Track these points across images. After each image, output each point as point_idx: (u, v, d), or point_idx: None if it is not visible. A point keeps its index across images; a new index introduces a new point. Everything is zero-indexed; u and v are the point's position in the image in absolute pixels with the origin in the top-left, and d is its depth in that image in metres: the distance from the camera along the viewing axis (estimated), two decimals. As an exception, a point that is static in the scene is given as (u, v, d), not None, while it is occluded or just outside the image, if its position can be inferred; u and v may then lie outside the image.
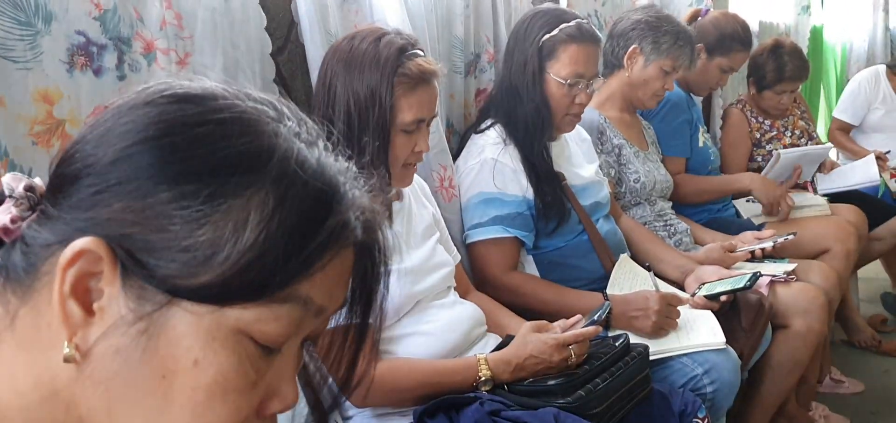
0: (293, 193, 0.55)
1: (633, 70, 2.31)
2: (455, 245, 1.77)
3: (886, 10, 6.08)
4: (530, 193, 1.84)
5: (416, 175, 1.58)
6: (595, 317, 1.52)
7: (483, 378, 1.39)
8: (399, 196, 1.54)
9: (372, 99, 1.37)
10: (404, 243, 1.49)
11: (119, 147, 0.55)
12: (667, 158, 2.56)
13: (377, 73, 1.37)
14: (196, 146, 0.55)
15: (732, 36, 2.63)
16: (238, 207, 0.54)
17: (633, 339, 1.58)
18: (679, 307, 1.76)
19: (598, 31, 1.96)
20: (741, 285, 1.85)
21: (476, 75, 2.09)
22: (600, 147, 2.25)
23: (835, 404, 2.74)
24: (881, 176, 3.43)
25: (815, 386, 2.62)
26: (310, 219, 0.56)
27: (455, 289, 1.62)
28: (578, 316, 1.55)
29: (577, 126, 2.01)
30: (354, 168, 0.62)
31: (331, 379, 0.70)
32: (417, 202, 1.59)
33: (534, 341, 1.44)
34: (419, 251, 1.51)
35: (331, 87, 1.40)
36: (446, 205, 1.83)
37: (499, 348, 1.52)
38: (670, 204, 2.47)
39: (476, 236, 1.82)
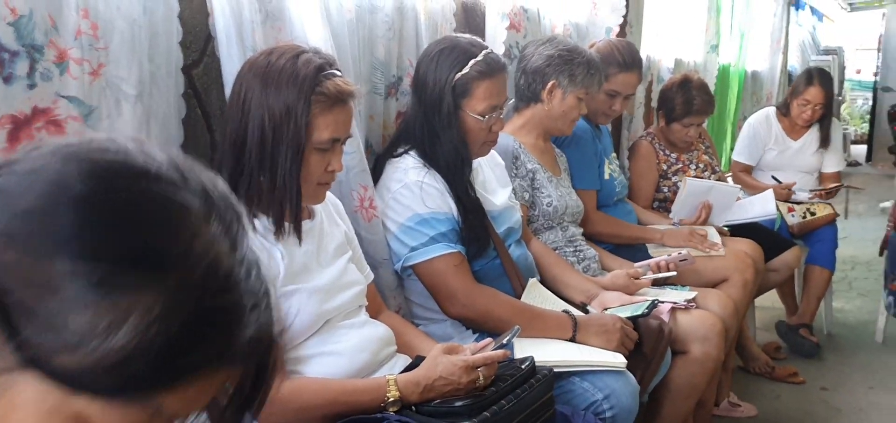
0: (184, 307, 0.52)
1: (552, 104, 2.37)
2: (374, 266, 1.79)
3: (785, 52, 6.45)
4: (456, 212, 1.87)
5: (329, 193, 1.58)
6: (504, 341, 1.56)
7: (391, 399, 1.40)
8: (310, 214, 1.54)
9: (287, 116, 1.37)
10: (315, 262, 1.49)
11: (39, 195, 0.52)
12: (578, 191, 2.63)
13: (294, 90, 1.37)
14: (111, 227, 0.52)
15: (609, 60, 2.70)
16: (123, 305, 0.50)
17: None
18: None
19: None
20: (640, 312, 1.93)
21: (397, 97, 2.12)
22: (515, 172, 2.30)
23: (730, 426, 2.88)
24: (778, 210, 3.63)
25: (711, 410, 2.73)
26: (192, 337, 0.53)
27: (366, 309, 1.63)
28: (488, 340, 1.59)
29: (493, 151, 2.06)
30: (270, 291, 0.59)
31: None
32: (329, 220, 1.60)
33: (444, 362, 1.46)
34: (330, 270, 1.52)
35: (245, 101, 1.40)
36: (366, 225, 1.84)
37: (409, 369, 1.54)
38: (581, 230, 2.54)
39: (421, 256, 1.84)
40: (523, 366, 1.54)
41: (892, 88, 9.67)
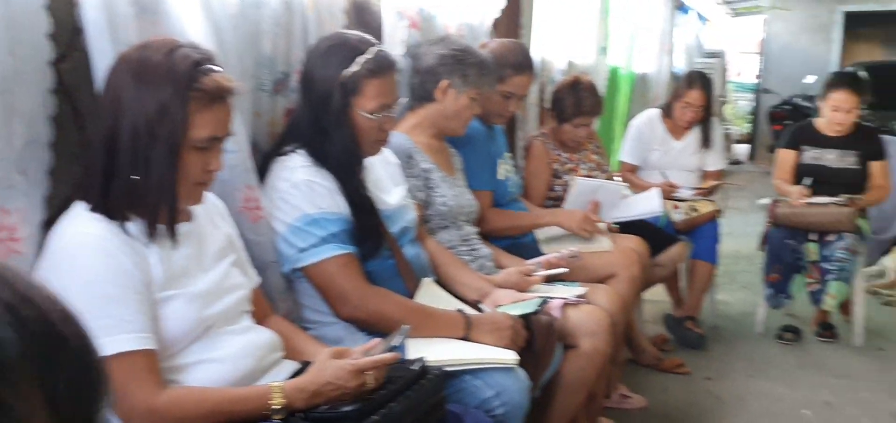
0: None
1: (446, 103, 2.37)
2: (261, 269, 1.73)
3: (670, 53, 6.72)
4: (347, 212, 1.84)
5: (210, 194, 1.53)
6: (393, 342, 1.54)
7: (275, 406, 1.36)
8: (188, 216, 1.47)
9: (162, 113, 1.31)
10: (195, 266, 1.43)
11: None
12: (474, 191, 2.64)
13: (170, 86, 1.31)
14: None
15: (505, 62, 2.74)
16: None
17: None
18: None
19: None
20: (531, 309, 1.96)
21: (285, 94, 2.06)
22: (409, 171, 2.29)
23: (621, 418, 2.96)
24: (664, 208, 3.77)
25: (602, 402, 2.81)
26: None
27: (251, 314, 1.58)
28: (377, 341, 1.57)
29: (385, 149, 2.04)
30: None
31: None
32: (210, 223, 1.54)
33: (332, 367, 1.44)
34: (211, 274, 1.46)
35: (117, 98, 1.33)
36: (252, 227, 1.79)
37: (297, 374, 1.50)
38: (476, 229, 2.56)
39: (311, 258, 1.79)
40: (414, 367, 1.53)
41: (772, 90, 10.24)
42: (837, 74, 4.04)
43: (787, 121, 6.92)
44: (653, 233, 3.53)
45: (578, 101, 3.27)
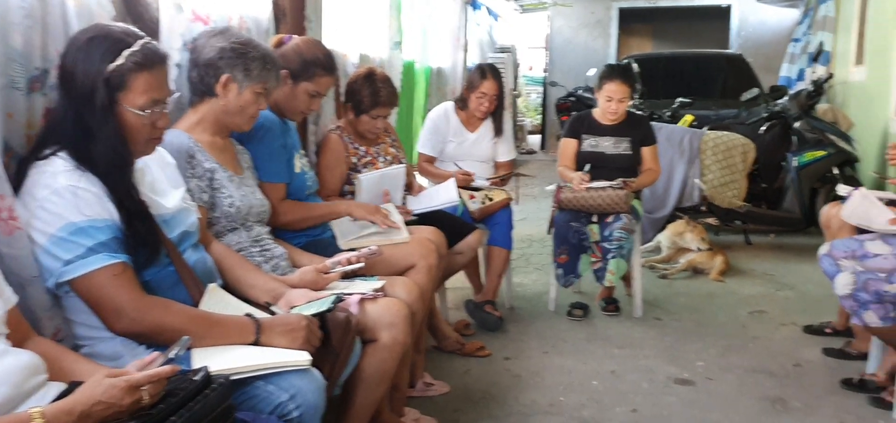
0: None
1: (228, 99, 2.26)
2: (19, 286, 1.56)
3: (465, 49, 6.93)
4: (118, 218, 1.70)
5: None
6: (171, 354, 1.44)
7: (36, 433, 1.23)
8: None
9: None
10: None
11: None
12: (267, 184, 2.56)
13: None
14: None
15: (315, 61, 2.72)
16: None
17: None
18: None
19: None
20: (325, 307, 1.92)
21: (44, 92, 1.87)
22: (191, 171, 2.17)
23: (425, 406, 3.00)
24: (460, 198, 3.87)
25: (406, 392, 2.83)
26: None
27: (7, 337, 1.41)
28: (155, 354, 1.46)
29: (161, 149, 1.92)
30: None
31: None
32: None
33: (104, 385, 1.33)
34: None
35: None
36: (6, 240, 1.60)
37: (63, 396, 1.36)
38: (268, 229, 2.47)
39: (78, 270, 1.63)
40: (196, 378, 1.44)
41: (559, 82, 10.85)
42: (610, 66, 4.34)
43: (573, 111, 7.38)
44: (451, 222, 3.63)
45: (375, 92, 3.28)
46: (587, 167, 4.09)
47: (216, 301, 1.89)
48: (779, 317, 4.26)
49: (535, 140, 13.82)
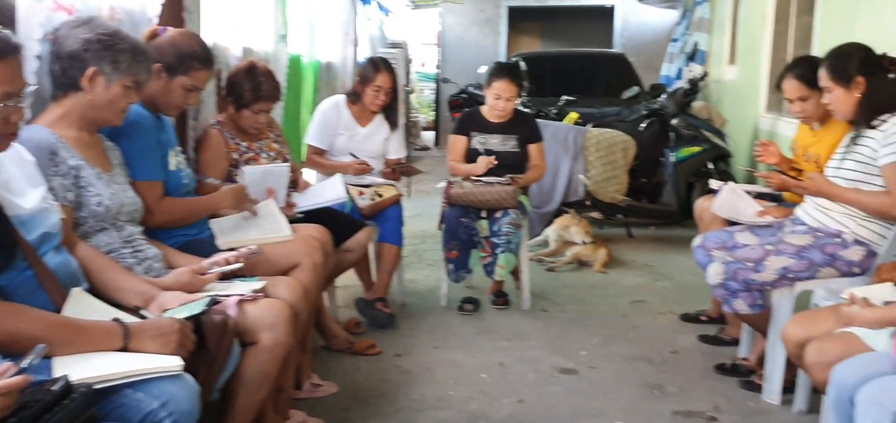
0: None
1: (95, 93, 2.14)
2: None
3: (356, 44, 6.87)
4: None
5: None
6: (24, 364, 1.35)
7: None
8: None
9: None
10: None
11: None
12: (141, 183, 2.43)
13: None
14: None
15: (191, 55, 2.62)
16: None
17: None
18: None
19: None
20: (199, 309, 1.85)
21: None
22: (54, 169, 2.03)
23: (313, 407, 2.95)
24: (348, 194, 3.83)
25: (291, 394, 2.77)
26: None
27: None
28: (7, 365, 1.36)
29: (17, 146, 1.79)
30: None
31: None
32: None
33: (-52, 400, 1.22)
34: None
35: None
36: None
37: None
38: (141, 229, 2.36)
39: None
40: (55, 387, 1.36)
41: (451, 79, 10.95)
42: (498, 64, 4.40)
43: (465, 108, 7.44)
44: (340, 219, 3.58)
45: (256, 86, 3.19)
46: (481, 158, 4.14)
47: (81, 306, 1.79)
48: (657, 306, 4.44)
49: (429, 136, 13.87)
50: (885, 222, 2.89)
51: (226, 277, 2.30)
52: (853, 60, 2.90)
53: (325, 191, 3.58)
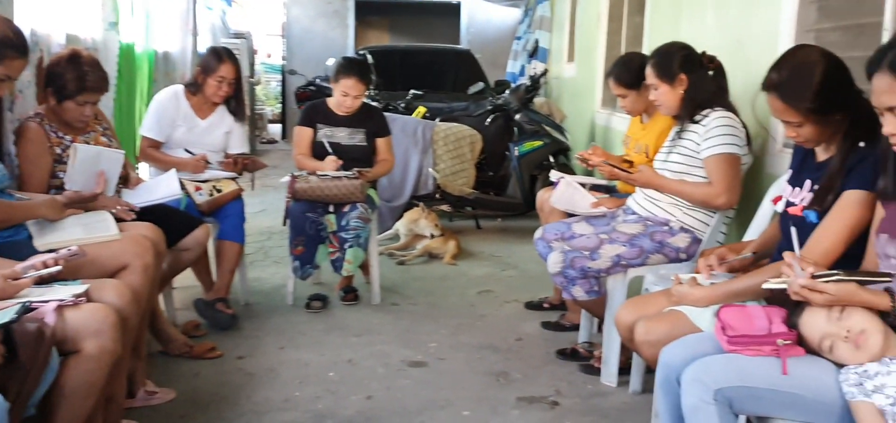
0: None
1: None
2: None
3: (195, 34, 6.58)
4: None
5: None
6: None
7: None
8: None
9: None
10: None
11: None
12: None
13: None
14: None
15: (5, 42, 2.41)
16: None
17: None
18: None
19: None
20: (8, 318, 1.69)
21: None
22: None
23: (147, 416, 2.79)
24: (184, 189, 3.64)
25: (123, 403, 2.60)
26: None
27: None
28: None
29: None
30: None
31: None
32: None
33: None
34: None
35: None
36: None
37: None
38: (-58, 232, 2.13)
39: None
40: None
41: (297, 71, 10.73)
42: (347, 60, 4.34)
43: (313, 100, 7.33)
44: (175, 217, 3.40)
45: (81, 76, 2.97)
46: (329, 158, 4.08)
47: None
48: (504, 295, 4.55)
49: (275, 129, 13.55)
50: (707, 210, 3.10)
51: (44, 281, 2.12)
52: (676, 58, 3.11)
53: (159, 187, 3.39)
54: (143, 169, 4.13)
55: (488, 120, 6.51)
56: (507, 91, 6.88)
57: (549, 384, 3.26)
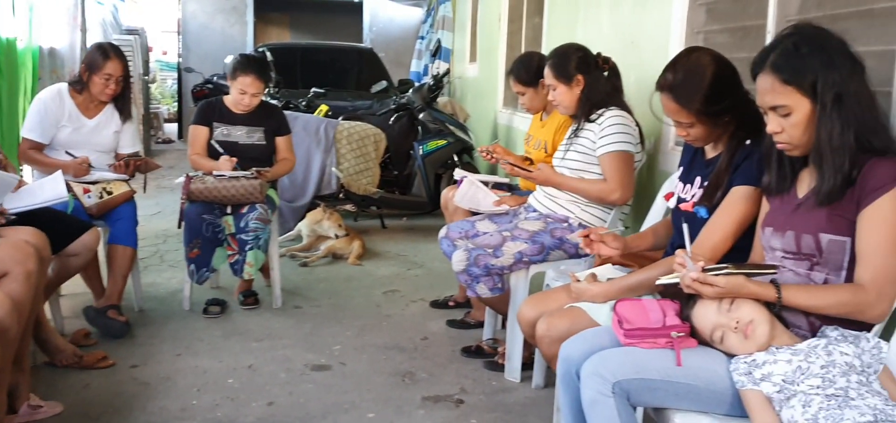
0: None
1: None
2: None
3: (84, 29, 6.28)
4: None
5: None
6: None
7: None
8: None
9: None
10: None
11: None
12: None
13: None
14: None
15: None
16: None
17: None
18: None
19: None
20: None
21: None
22: None
23: (33, 432, 2.63)
24: (72, 192, 3.46)
25: (4, 420, 2.45)
26: None
27: None
28: None
29: None
30: None
31: None
32: None
33: None
34: None
35: None
36: None
37: None
38: None
39: None
40: None
41: (194, 68, 10.40)
42: (245, 58, 4.21)
43: (211, 98, 7.13)
44: (61, 221, 3.23)
45: None
46: (223, 158, 3.96)
47: None
48: (410, 294, 4.54)
49: (171, 128, 13.09)
50: (604, 206, 3.18)
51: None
52: (572, 60, 3.18)
53: (44, 190, 3.21)
54: (27, 171, 3.90)
55: (392, 119, 6.49)
56: (411, 90, 6.88)
57: (455, 382, 3.27)
